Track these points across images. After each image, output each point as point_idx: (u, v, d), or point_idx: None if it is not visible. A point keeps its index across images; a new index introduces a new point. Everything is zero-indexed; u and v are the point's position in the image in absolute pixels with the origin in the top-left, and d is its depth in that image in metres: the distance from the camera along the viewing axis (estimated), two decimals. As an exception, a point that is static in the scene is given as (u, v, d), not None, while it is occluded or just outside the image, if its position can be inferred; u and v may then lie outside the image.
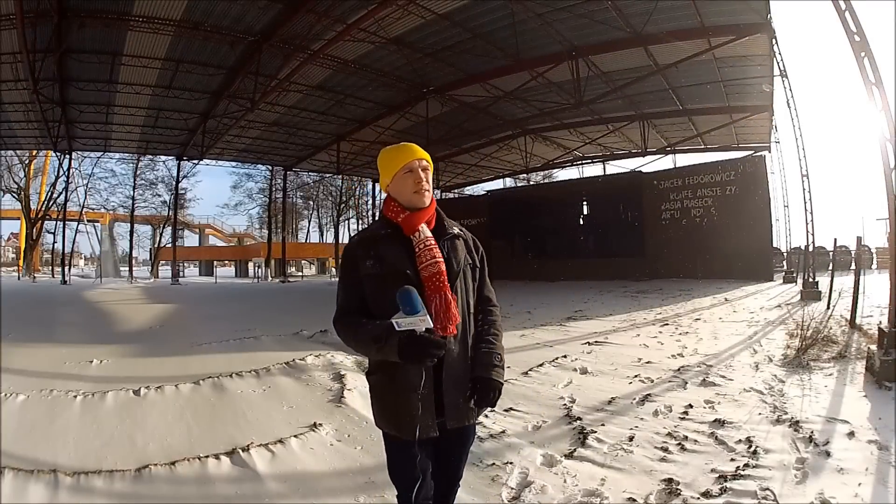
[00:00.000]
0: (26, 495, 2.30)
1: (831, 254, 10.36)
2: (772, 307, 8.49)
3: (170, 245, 25.14)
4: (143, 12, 9.97)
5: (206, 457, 2.69)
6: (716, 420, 3.13)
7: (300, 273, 35.45)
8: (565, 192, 22.39)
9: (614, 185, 19.24)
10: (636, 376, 4.30)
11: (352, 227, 38.46)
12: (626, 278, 15.19)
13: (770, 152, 16.32)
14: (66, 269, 21.39)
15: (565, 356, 5.11)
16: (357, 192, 35.22)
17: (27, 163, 27.06)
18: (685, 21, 10.01)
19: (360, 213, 36.66)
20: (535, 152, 20.12)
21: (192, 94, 13.73)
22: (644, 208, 16.77)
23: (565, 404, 3.59)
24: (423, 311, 1.25)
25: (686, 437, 2.89)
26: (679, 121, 16.60)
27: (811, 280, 9.96)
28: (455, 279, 1.45)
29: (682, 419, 3.21)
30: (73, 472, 2.50)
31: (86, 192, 25.24)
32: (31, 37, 9.57)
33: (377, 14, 9.46)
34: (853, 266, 9.39)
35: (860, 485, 2.24)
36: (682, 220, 15.63)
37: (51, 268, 28.52)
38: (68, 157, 19.74)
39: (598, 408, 3.50)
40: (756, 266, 13.57)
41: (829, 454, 2.57)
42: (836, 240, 9.43)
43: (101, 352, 5.38)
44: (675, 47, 10.44)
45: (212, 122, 15.90)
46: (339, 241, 34.59)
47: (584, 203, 22.32)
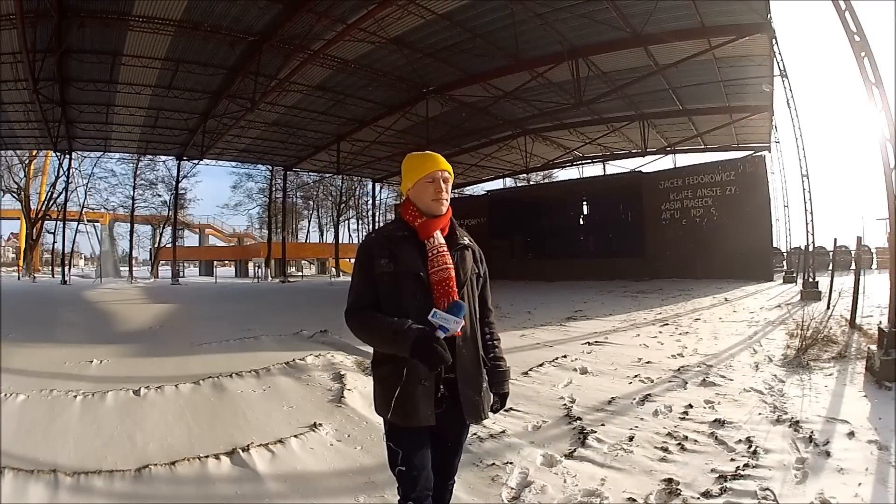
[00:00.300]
0: (26, 495, 2.30)
1: (831, 254, 10.36)
2: (772, 307, 8.49)
3: (170, 245, 25.11)
4: (143, 12, 9.97)
5: (206, 457, 2.70)
6: (716, 420, 3.13)
7: (300, 273, 35.40)
8: (565, 192, 22.41)
9: (614, 185, 19.24)
10: (636, 376, 4.30)
11: (352, 227, 38.58)
12: (626, 278, 15.18)
13: (770, 152, 16.35)
14: (66, 269, 21.36)
15: (565, 356, 5.11)
16: (357, 192, 35.27)
17: (27, 163, 27.07)
18: (685, 21, 10.00)
19: (360, 213, 36.71)
20: (535, 152, 20.09)
21: (192, 94, 13.73)
22: (644, 208, 16.75)
23: (565, 404, 3.60)
24: (461, 320, 1.40)
25: (686, 437, 2.89)
26: (679, 121, 16.59)
27: (811, 280, 9.96)
28: (462, 287, 1.54)
29: (682, 419, 3.21)
30: (73, 472, 2.50)
31: (86, 192, 25.28)
32: (31, 37, 9.57)
33: (377, 14, 9.45)
34: (853, 266, 9.39)
35: (860, 485, 2.24)
36: (682, 220, 15.62)
37: (51, 268, 28.48)
38: (68, 157, 19.74)
39: (598, 408, 3.51)
40: (756, 266, 13.56)
41: (829, 454, 2.57)
42: (836, 240, 9.45)
43: (101, 352, 5.38)
44: (675, 47, 10.43)
45: (212, 122, 15.89)
46: (339, 241, 34.58)
47: (584, 203, 22.34)
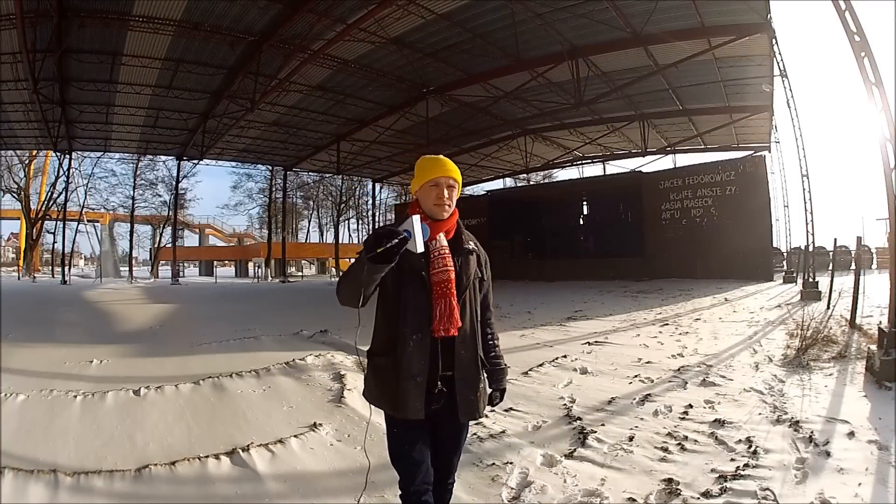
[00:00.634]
0: (26, 495, 2.30)
1: (831, 254, 10.36)
2: (772, 307, 8.49)
3: (170, 245, 25.11)
4: (143, 12, 9.98)
5: (206, 457, 2.69)
6: (716, 420, 3.13)
7: (300, 273, 35.41)
8: (565, 192, 22.40)
9: (614, 185, 19.24)
10: (636, 376, 4.30)
11: (351, 227, 38.58)
12: (626, 278, 15.18)
13: (770, 152, 16.37)
14: (66, 269, 21.36)
15: (565, 356, 5.11)
16: (357, 192, 35.25)
17: (27, 163, 27.07)
18: (685, 21, 10.01)
19: (360, 213, 36.71)
20: (535, 152, 20.09)
21: (192, 94, 13.74)
22: (644, 208, 16.75)
23: (565, 404, 3.60)
24: (423, 235, 1.39)
25: (686, 437, 2.89)
26: (679, 121, 16.59)
27: (811, 280, 9.96)
28: (464, 291, 1.59)
29: (682, 419, 3.21)
30: (73, 472, 2.50)
31: (86, 192, 25.26)
32: (31, 37, 9.57)
33: (377, 14, 9.46)
34: (853, 266, 9.39)
35: (860, 485, 2.24)
36: (682, 220, 15.62)
37: (51, 268, 28.47)
38: (68, 157, 19.75)
39: (598, 408, 3.51)
40: (756, 266, 13.56)
41: (829, 454, 2.57)
42: (836, 240, 9.46)
43: (101, 352, 5.37)
44: (675, 47, 10.43)
45: (212, 122, 15.90)
46: (339, 241, 34.58)
47: (584, 203, 22.35)
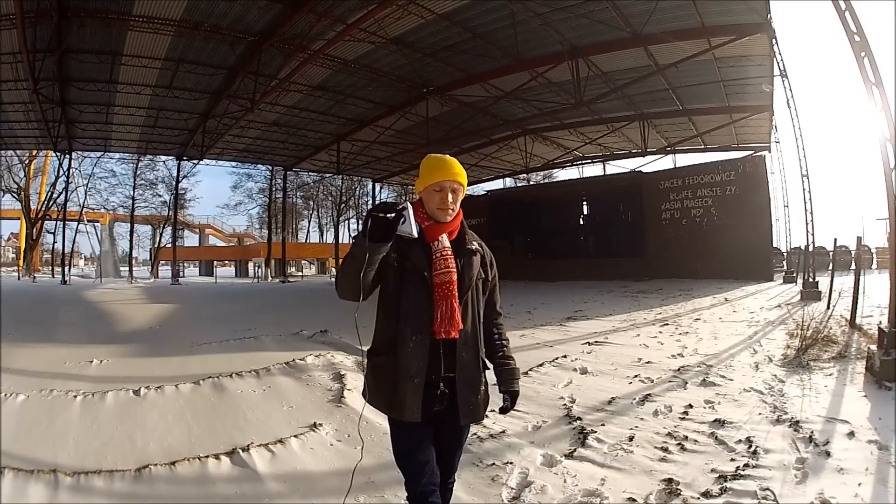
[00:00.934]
0: (26, 495, 2.30)
1: (831, 254, 10.36)
2: (772, 307, 8.49)
3: (170, 245, 25.10)
4: (143, 12, 9.97)
5: (206, 457, 2.70)
6: (716, 420, 3.13)
7: (300, 273, 35.40)
8: (565, 192, 22.41)
9: (614, 185, 19.25)
10: (636, 376, 4.30)
11: (352, 227, 38.49)
12: (626, 278, 15.18)
13: (770, 152, 16.33)
14: (66, 269, 21.36)
15: (565, 356, 5.11)
16: (357, 192, 35.19)
17: (27, 163, 27.04)
18: (685, 21, 10.00)
19: (360, 213, 36.65)
20: (535, 152, 20.07)
21: (192, 94, 13.73)
22: (644, 208, 16.76)
23: (565, 404, 3.60)
24: (411, 226, 1.36)
25: (686, 437, 2.89)
26: (679, 121, 16.58)
27: (811, 280, 9.96)
28: (465, 292, 1.56)
29: (682, 419, 3.22)
30: (73, 472, 2.50)
31: (86, 192, 25.20)
32: (31, 37, 9.56)
33: (377, 14, 9.45)
34: (853, 266, 9.39)
35: (860, 485, 2.24)
36: (682, 219, 15.62)
37: (51, 268, 28.45)
38: (68, 157, 19.73)
39: (598, 408, 3.51)
40: (756, 266, 13.56)
41: (829, 454, 2.57)
42: (836, 240, 9.47)
43: (101, 352, 5.37)
44: (675, 47, 10.42)
45: (212, 122, 15.88)
46: (339, 241, 34.58)
47: (584, 203, 22.36)
